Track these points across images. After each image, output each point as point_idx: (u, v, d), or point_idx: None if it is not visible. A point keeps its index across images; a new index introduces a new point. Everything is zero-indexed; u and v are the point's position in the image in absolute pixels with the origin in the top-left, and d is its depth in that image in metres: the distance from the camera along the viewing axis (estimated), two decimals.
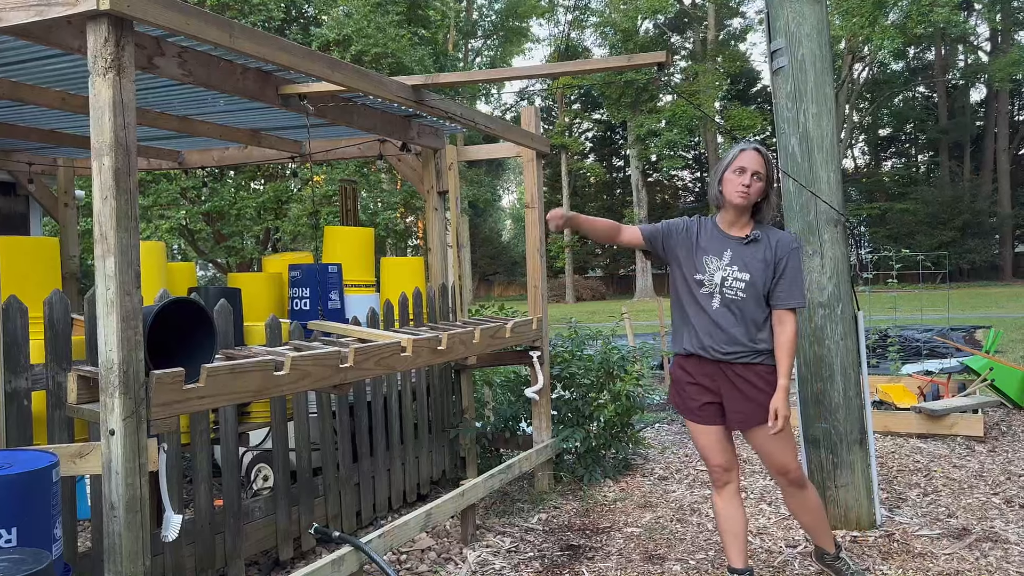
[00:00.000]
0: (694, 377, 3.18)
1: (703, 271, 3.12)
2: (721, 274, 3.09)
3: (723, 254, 3.11)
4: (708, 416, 3.19)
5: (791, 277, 3.06)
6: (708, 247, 3.15)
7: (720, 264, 3.10)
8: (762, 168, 3.05)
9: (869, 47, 33.85)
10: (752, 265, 3.07)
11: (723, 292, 3.08)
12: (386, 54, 17.04)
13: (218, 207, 13.80)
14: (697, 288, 3.13)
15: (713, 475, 3.29)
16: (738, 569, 3.23)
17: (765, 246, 3.09)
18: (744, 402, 3.09)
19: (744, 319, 3.06)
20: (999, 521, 4.21)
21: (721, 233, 3.16)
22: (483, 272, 47.30)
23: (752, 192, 3.05)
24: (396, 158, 5.71)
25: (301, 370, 3.04)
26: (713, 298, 3.09)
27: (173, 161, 6.27)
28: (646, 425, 6.97)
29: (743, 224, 3.14)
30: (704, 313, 3.11)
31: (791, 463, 3.15)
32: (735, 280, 3.07)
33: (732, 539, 3.25)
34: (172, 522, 2.64)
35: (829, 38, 4.28)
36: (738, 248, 3.11)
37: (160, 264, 4.53)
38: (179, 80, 3.28)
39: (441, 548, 4.15)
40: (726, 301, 3.08)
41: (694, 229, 3.22)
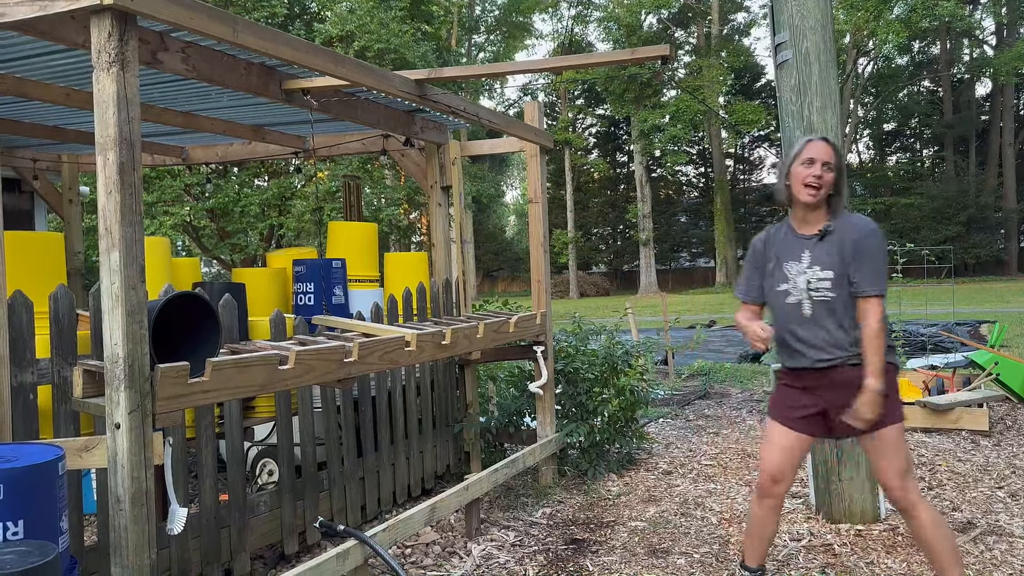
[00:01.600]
0: (801, 385, 3.01)
1: (786, 279, 2.97)
2: (805, 278, 2.92)
3: (802, 256, 2.94)
4: (799, 424, 2.99)
5: (865, 262, 2.82)
6: (785, 253, 2.99)
7: (801, 268, 2.93)
8: (832, 158, 2.88)
9: (874, 41, 33.76)
10: (832, 261, 2.87)
11: (811, 296, 2.90)
12: (389, 50, 17.03)
13: (222, 204, 13.81)
14: (784, 299, 2.97)
15: (760, 479, 3.10)
16: (751, 567, 3.18)
17: (839, 236, 2.88)
18: (847, 408, 2.88)
19: (838, 319, 2.88)
20: (1004, 515, 4.20)
21: (795, 235, 2.98)
22: (487, 268, 47.33)
23: (824, 183, 2.86)
24: (399, 153, 5.71)
25: (305, 364, 3.04)
26: (803, 306, 2.93)
27: (177, 157, 6.28)
28: (650, 420, 6.97)
29: (816, 220, 2.94)
30: (795, 322, 2.95)
31: (891, 480, 2.87)
32: (819, 281, 2.89)
33: (756, 541, 3.15)
34: (177, 515, 2.65)
35: (833, 31, 4.27)
36: (815, 247, 2.92)
37: (165, 259, 4.54)
38: (183, 75, 3.28)
39: (445, 542, 4.16)
40: (816, 305, 2.90)
41: (766, 243, 3.06)
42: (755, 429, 6.59)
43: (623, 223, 45.92)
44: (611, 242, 48.78)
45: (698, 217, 46.05)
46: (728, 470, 5.33)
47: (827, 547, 3.83)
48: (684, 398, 8.15)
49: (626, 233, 46.32)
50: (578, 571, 3.68)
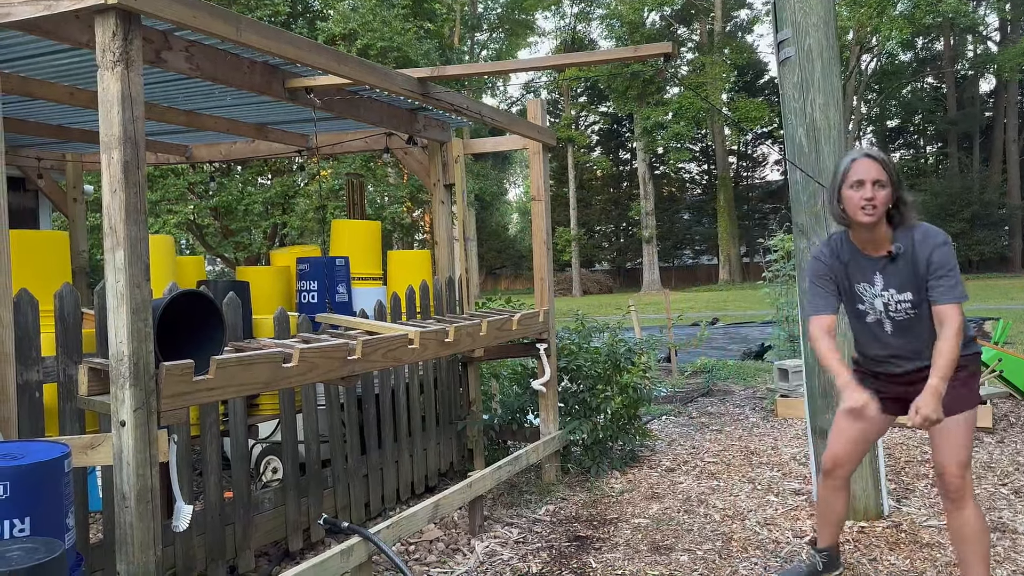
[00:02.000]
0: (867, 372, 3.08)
1: (861, 300, 2.95)
2: (881, 300, 2.89)
3: (874, 280, 2.91)
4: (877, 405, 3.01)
5: (942, 274, 2.77)
6: (856, 274, 2.94)
7: (875, 291, 2.91)
8: (882, 174, 2.77)
9: (877, 38, 33.68)
10: (908, 282, 2.83)
11: (892, 317, 2.89)
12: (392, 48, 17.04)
13: (225, 202, 13.85)
14: (864, 318, 2.98)
15: (824, 459, 3.19)
16: (819, 549, 3.37)
17: (909, 255, 2.82)
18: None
19: (922, 332, 2.87)
20: (1007, 511, 4.20)
21: (863, 257, 2.92)
22: (490, 266, 47.35)
23: (879, 203, 2.77)
24: (402, 151, 5.72)
25: (309, 362, 3.05)
26: (884, 324, 2.92)
27: (181, 156, 6.29)
28: (653, 418, 6.97)
29: (881, 238, 2.85)
30: (879, 340, 2.97)
31: (951, 466, 2.85)
32: (899, 303, 2.87)
33: (823, 522, 3.33)
34: (183, 512, 2.66)
35: (836, 28, 4.26)
36: (886, 268, 2.87)
37: (169, 257, 4.56)
38: (187, 74, 3.29)
39: (449, 539, 4.17)
40: (899, 325, 2.90)
41: (833, 259, 2.99)
42: (758, 426, 6.59)
43: (626, 220, 45.90)
44: (614, 240, 48.77)
45: (701, 214, 46.00)
46: (731, 467, 5.33)
47: None
48: (687, 395, 8.16)
49: (629, 230, 46.29)
50: (581, 568, 3.69)
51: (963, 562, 2.94)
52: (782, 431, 6.35)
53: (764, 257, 8.14)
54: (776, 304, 7.81)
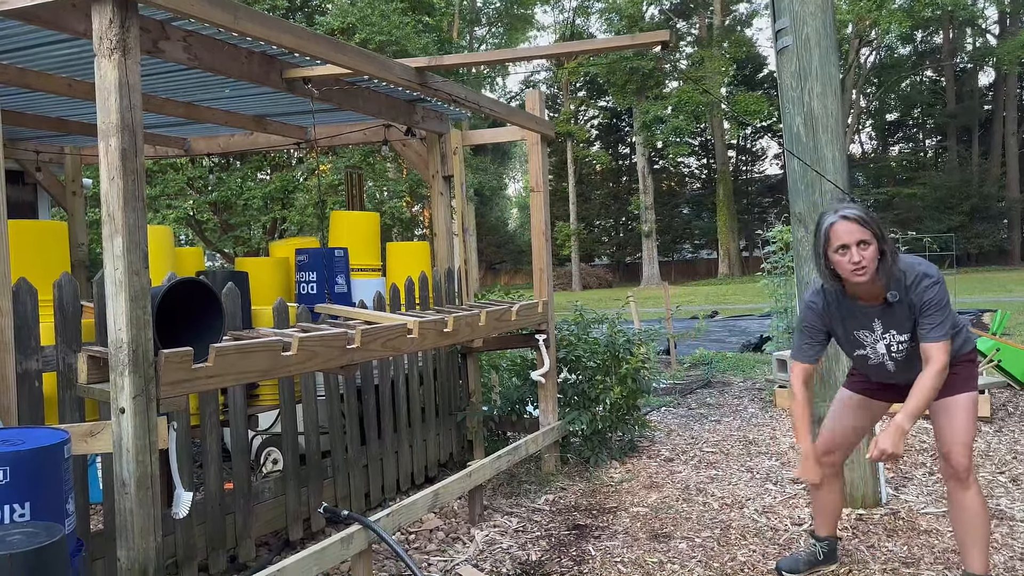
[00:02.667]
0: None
1: (862, 345, 3.01)
2: (883, 343, 2.97)
3: (873, 326, 2.96)
4: (871, 390, 3.13)
5: (931, 315, 2.81)
6: (853, 322, 2.99)
7: (876, 336, 2.97)
8: (864, 233, 2.77)
9: (876, 31, 33.64)
10: (905, 323, 2.89)
11: (894, 357, 2.98)
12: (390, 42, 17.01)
13: (225, 197, 13.85)
14: (865, 361, 3.06)
15: (816, 445, 3.21)
16: (818, 537, 3.39)
17: (906, 299, 2.86)
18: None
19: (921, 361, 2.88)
20: (1005, 499, 4.22)
21: (859, 307, 2.95)
22: (489, 261, 47.33)
23: (868, 262, 2.78)
24: (401, 143, 5.72)
25: (308, 351, 3.06)
26: (886, 364, 3.01)
27: (179, 148, 6.29)
28: (652, 408, 6.99)
29: (877, 289, 2.88)
30: (881, 375, 3.07)
31: (954, 447, 2.89)
32: (900, 344, 2.94)
33: (820, 511, 3.37)
34: (182, 499, 2.67)
35: (834, 17, 4.26)
36: (884, 314, 2.92)
37: (168, 248, 4.56)
38: (185, 64, 3.29)
39: (449, 528, 4.19)
40: (900, 364, 2.98)
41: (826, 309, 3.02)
42: (756, 416, 6.61)
43: (625, 215, 45.87)
44: (613, 234, 48.73)
45: (700, 208, 45.96)
46: (730, 456, 5.35)
47: None
48: (686, 387, 8.17)
49: (628, 225, 46.27)
50: (580, 556, 3.70)
51: (963, 544, 2.97)
52: (781, 421, 6.36)
53: (763, 249, 8.14)
54: (775, 295, 7.82)
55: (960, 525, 2.96)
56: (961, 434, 2.89)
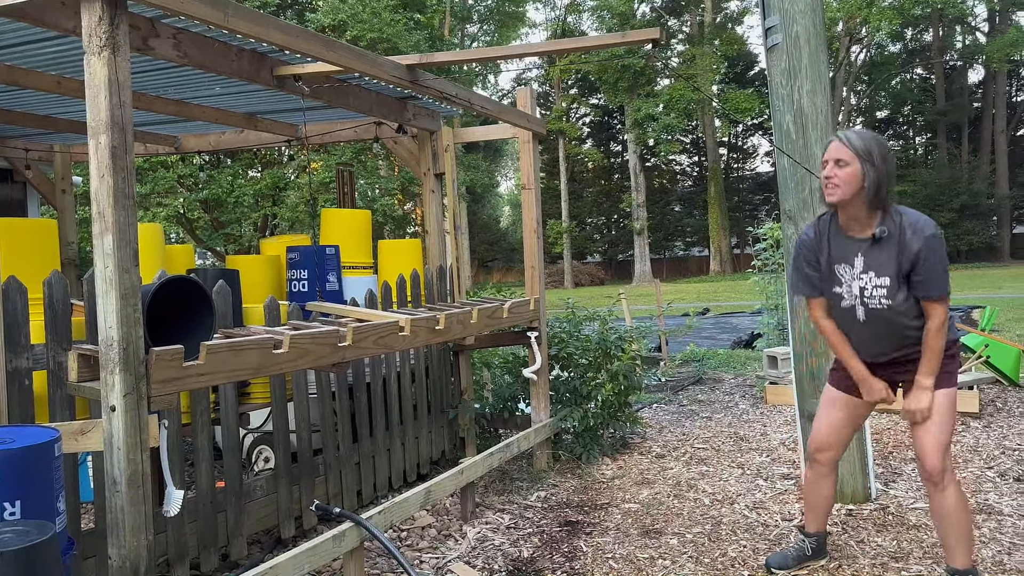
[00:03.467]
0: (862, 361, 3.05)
1: (839, 282, 2.93)
2: (858, 284, 2.87)
3: (854, 261, 2.88)
4: (853, 387, 3.07)
5: (929, 267, 2.74)
6: (838, 254, 2.92)
7: (854, 273, 2.88)
8: (844, 153, 2.78)
9: (866, 28, 33.74)
10: (886, 267, 2.80)
11: (866, 304, 2.87)
12: (381, 39, 16.96)
13: (215, 194, 13.79)
14: (839, 302, 2.95)
15: (809, 443, 3.26)
16: (808, 533, 3.39)
17: (895, 239, 2.78)
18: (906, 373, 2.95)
19: (896, 327, 2.86)
20: (993, 494, 4.25)
21: (846, 238, 2.90)
22: (481, 258, 47.31)
23: (840, 182, 2.78)
24: (392, 141, 5.71)
25: (300, 348, 3.06)
26: (857, 310, 2.90)
27: (170, 146, 6.27)
28: (644, 405, 7.01)
29: (865, 220, 2.84)
30: (852, 327, 2.96)
31: (926, 449, 2.89)
32: (875, 288, 2.83)
33: (811, 507, 3.36)
34: (174, 497, 2.67)
35: (823, 15, 4.28)
36: (868, 250, 2.84)
37: (158, 246, 4.55)
38: (175, 62, 3.28)
39: (441, 525, 4.19)
40: (871, 314, 2.87)
41: (818, 238, 2.98)
42: (747, 413, 6.64)
43: (617, 212, 45.92)
44: (605, 231, 48.79)
45: (692, 206, 46.07)
46: (721, 453, 5.37)
47: None
48: (678, 384, 8.20)
49: (620, 222, 46.33)
50: (572, 552, 3.71)
51: (944, 542, 3.00)
52: (771, 417, 6.39)
53: (753, 246, 8.18)
54: (765, 292, 7.85)
55: (940, 524, 2.98)
56: (933, 437, 2.88)
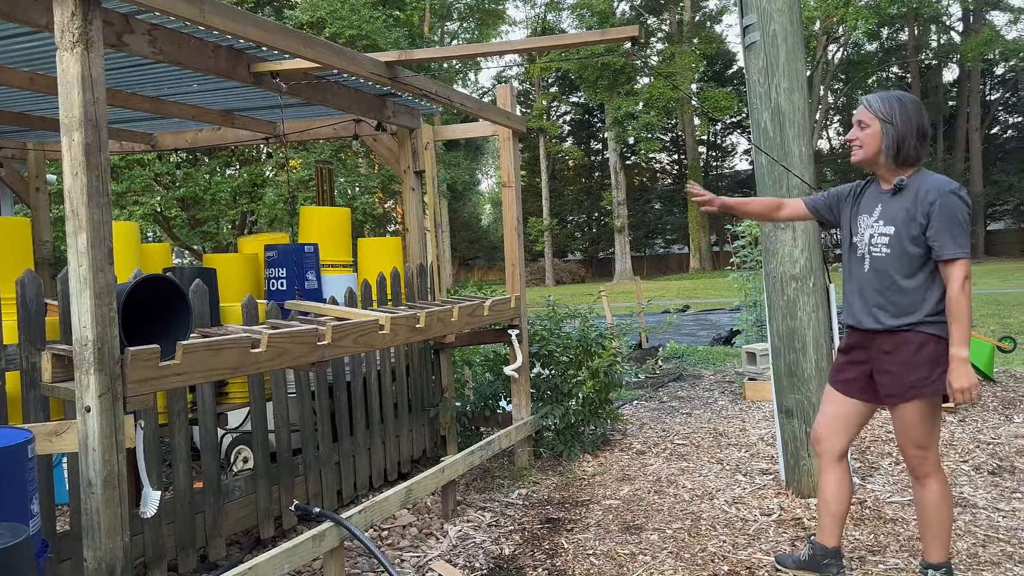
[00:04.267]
0: (848, 348, 3.06)
1: (857, 231, 2.98)
2: (870, 231, 2.92)
3: (874, 210, 2.94)
4: (845, 387, 3.07)
5: (945, 222, 2.72)
6: (864, 206, 2.99)
7: (870, 221, 2.93)
8: (865, 116, 2.87)
9: (843, 27, 34.03)
10: (897, 217, 2.83)
11: (871, 252, 2.91)
12: (360, 36, 16.89)
13: (192, 192, 13.67)
14: (854, 253, 2.99)
15: (811, 439, 3.25)
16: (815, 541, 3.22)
17: (912, 194, 2.82)
18: (884, 374, 2.89)
19: (889, 278, 2.85)
20: (968, 487, 4.31)
21: (876, 189, 2.98)
22: (463, 256, 47.25)
23: (861, 143, 2.89)
24: (371, 138, 5.69)
25: (278, 347, 3.04)
26: (865, 260, 2.93)
27: (146, 144, 6.20)
28: (624, 402, 7.03)
29: (888, 176, 2.92)
30: (854, 278, 2.98)
31: (907, 448, 2.91)
32: (879, 236, 2.88)
33: (819, 511, 3.22)
34: (151, 498, 2.64)
35: (800, 13, 4.31)
36: (886, 201, 2.90)
37: (134, 244, 4.50)
38: (150, 58, 3.24)
39: (422, 524, 4.18)
40: (873, 261, 2.90)
41: (858, 191, 3.06)
42: (727, 409, 6.68)
43: (598, 210, 46.03)
44: (586, 229, 48.89)
45: (672, 204, 46.28)
46: (701, 449, 5.40)
47: (796, 521, 3.91)
48: (658, 380, 8.23)
49: (601, 220, 46.45)
50: (554, 549, 3.72)
51: (923, 535, 3.02)
52: (750, 413, 6.44)
53: (732, 244, 8.23)
54: (744, 289, 7.90)
55: (920, 517, 3.01)
56: (910, 436, 2.89)
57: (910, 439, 2.89)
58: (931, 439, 2.89)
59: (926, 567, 2.99)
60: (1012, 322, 11.08)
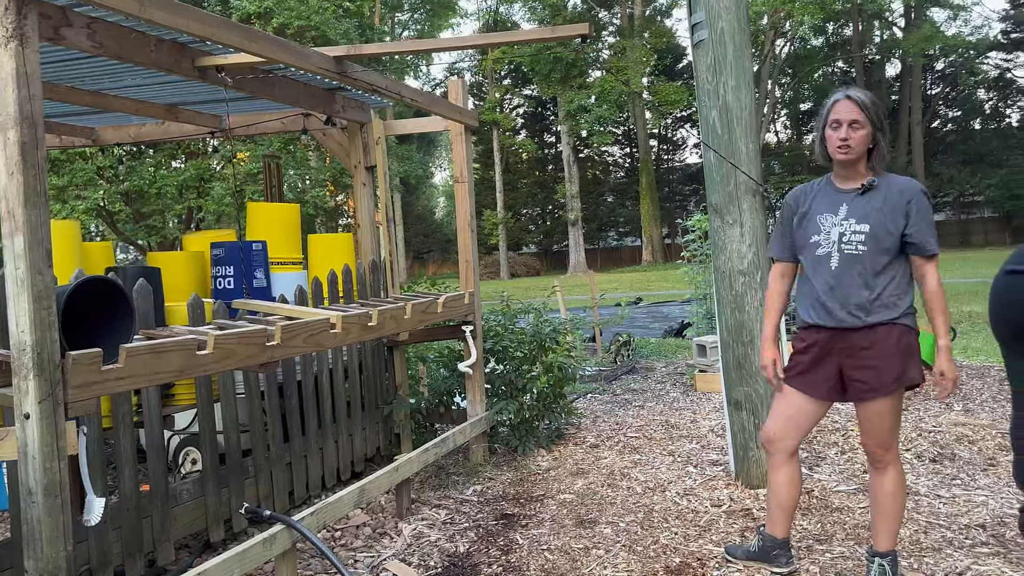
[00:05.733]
0: (807, 346, 3.05)
1: (819, 230, 2.98)
2: (838, 229, 2.92)
3: (838, 209, 2.94)
4: (809, 388, 3.06)
5: (921, 222, 2.82)
6: (821, 207, 3.00)
7: (836, 220, 2.94)
8: (859, 115, 2.87)
9: (790, 22, 34.66)
10: (870, 215, 2.87)
11: (842, 249, 2.91)
12: (309, 27, 16.62)
13: (137, 186, 13.31)
14: (814, 251, 2.99)
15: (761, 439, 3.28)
16: (765, 533, 3.31)
17: (885, 192, 2.88)
18: (863, 370, 2.90)
19: (864, 277, 2.88)
20: (910, 475, 4.44)
21: (835, 189, 2.99)
22: (417, 250, 47.00)
23: (855, 143, 2.88)
24: (321, 132, 5.61)
25: (225, 349, 2.98)
26: (832, 258, 2.93)
27: (87, 138, 6.01)
28: (578, 396, 7.08)
29: (857, 175, 2.95)
30: (821, 276, 2.96)
31: (866, 444, 3.01)
32: (853, 233, 2.89)
33: (768, 504, 3.31)
34: (95, 506, 2.58)
35: (747, 11, 4.37)
36: (854, 200, 2.93)
37: (74, 244, 4.37)
38: (89, 52, 3.15)
39: (376, 523, 4.16)
40: (845, 258, 2.90)
41: (798, 199, 3.09)
42: (678, 401, 6.77)
43: (552, 203, 46.23)
44: (540, 222, 49.06)
45: (624, 197, 46.70)
46: (653, 441, 5.47)
47: (746, 511, 3.99)
48: (612, 373, 8.31)
49: (555, 213, 46.65)
50: (508, 545, 3.73)
51: (874, 523, 3.09)
52: (701, 404, 6.54)
53: (683, 237, 8.34)
54: (695, 283, 8.01)
55: (875, 505, 3.07)
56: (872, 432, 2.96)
57: (879, 430, 2.95)
58: (897, 429, 2.98)
59: (873, 555, 3.08)
60: (953, 312, 11.43)
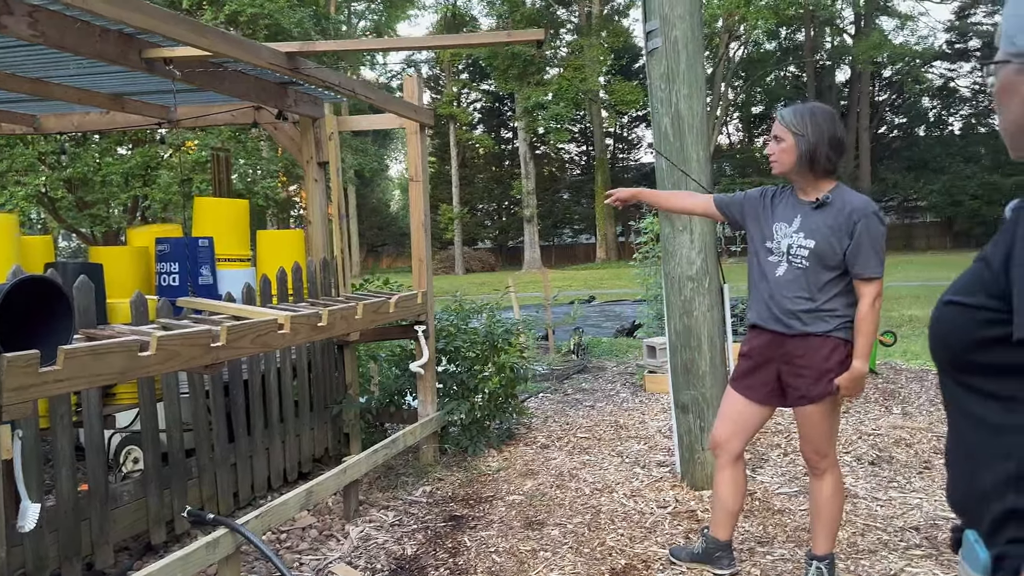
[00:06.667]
0: (750, 349, 3.11)
1: (772, 238, 3.04)
2: (788, 241, 2.98)
3: (793, 220, 2.99)
4: (750, 393, 3.12)
5: (862, 244, 2.84)
6: (781, 214, 3.05)
7: (788, 231, 2.99)
8: (779, 130, 2.96)
9: (744, 26, 35.21)
10: (818, 232, 2.91)
11: (790, 260, 2.97)
12: (262, 15, 16.33)
13: (80, 173, 12.94)
14: (766, 255, 3.05)
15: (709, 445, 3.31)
16: (708, 535, 3.36)
17: (836, 211, 2.89)
18: (797, 377, 2.97)
19: (805, 289, 2.93)
20: (850, 478, 4.56)
21: (795, 199, 3.03)
22: (371, 243, 46.61)
23: (778, 156, 2.97)
24: (272, 126, 5.52)
25: (168, 350, 2.92)
26: (780, 265, 3.00)
27: (28, 125, 5.81)
28: (530, 395, 7.11)
29: (810, 188, 2.98)
30: (767, 280, 3.03)
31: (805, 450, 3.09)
32: (799, 248, 2.95)
33: (716, 507, 3.33)
34: (29, 512, 2.50)
35: (702, 21, 4.43)
36: (807, 214, 2.96)
37: (11, 238, 4.23)
38: (29, 41, 3.04)
39: (323, 525, 4.12)
40: (791, 270, 2.97)
41: (772, 196, 3.13)
42: (628, 401, 6.84)
43: (508, 199, 46.24)
44: (496, 218, 49.04)
45: (580, 194, 46.93)
46: (602, 441, 5.52)
47: (691, 513, 4.05)
48: (563, 372, 8.35)
49: (511, 209, 46.68)
50: (456, 547, 3.73)
51: (813, 528, 3.17)
52: (649, 405, 6.62)
53: (635, 239, 8.42)
54: (646, 284, 8.10)
55: (813, 509, 3.15)
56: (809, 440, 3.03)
57: (815, 436, 3.02)
58: (833, 436, 3.04)
59: (811, 559, 3.15)
60: (895, 315, 11.74)
